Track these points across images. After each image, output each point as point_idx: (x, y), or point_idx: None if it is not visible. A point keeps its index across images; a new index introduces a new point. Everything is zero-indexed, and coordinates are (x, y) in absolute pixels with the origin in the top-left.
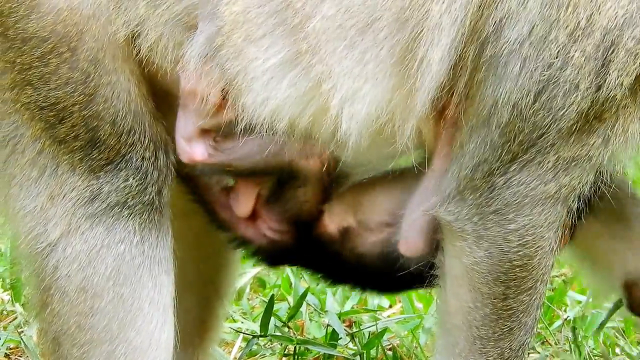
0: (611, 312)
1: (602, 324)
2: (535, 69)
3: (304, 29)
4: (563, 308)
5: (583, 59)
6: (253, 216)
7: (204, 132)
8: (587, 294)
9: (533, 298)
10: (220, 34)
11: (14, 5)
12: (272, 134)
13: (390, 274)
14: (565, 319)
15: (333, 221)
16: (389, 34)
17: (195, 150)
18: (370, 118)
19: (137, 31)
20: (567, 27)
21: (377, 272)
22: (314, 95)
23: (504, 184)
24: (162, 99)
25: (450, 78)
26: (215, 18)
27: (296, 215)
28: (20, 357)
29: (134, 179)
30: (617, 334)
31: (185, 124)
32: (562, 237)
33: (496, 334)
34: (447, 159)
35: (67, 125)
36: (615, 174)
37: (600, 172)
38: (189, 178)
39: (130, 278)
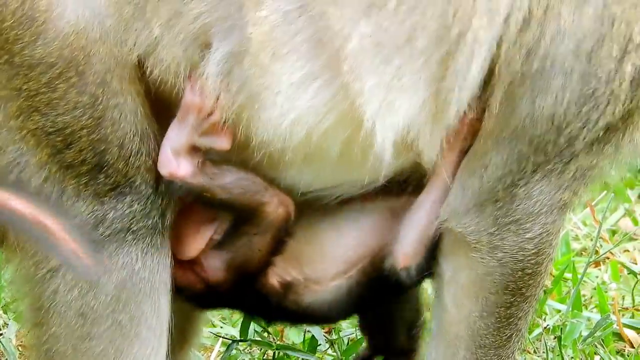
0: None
1: (588, 336)
2: (581, 82)
3: (341, 49)
4: (542, 317)
5: (634, 71)
6: (193, 260)
7: (194, 150)
8: (567, 303)
9: (532, 304)
10: (247, 54)
11: (19, 32)
12: (285, 152)
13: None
14: (545, 328)
15: (275, 274)
16: (426, 48)
17: (180, 165)
18: (404, 131)
19: (149, 51)
20: (619, 40)
21: (329, 313)
22: (343, 108)
23: (525, 194)
24: (168, 119)
25: (484, 91)
26: (234, 34)
27: (242, 263)
28: None
29: (138, 203)
30: (596, 343)
31: (179, 136)
32: None
33: (496, 342)
34: (455, 171)
35: (75, 149)
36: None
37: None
38: None
39: (130, 305)
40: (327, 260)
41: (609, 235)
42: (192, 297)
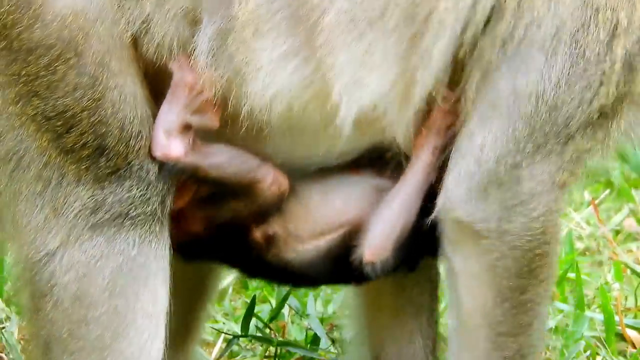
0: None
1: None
2: (567, 62)
3: (317, 22)
4: None
5: (625, 54)
6: (178, 212)
7: (186, 129)
8: (570, 303)
9: (547, 290)
10: (233, 31)
11: (17, 17)
12: (266, 126)
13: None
14: (547, 328)
15: (259, 228)
16: (396, 26)
17: (172, 145)
18: (369, 107)
19: (142, 29)
20: (606, 26)
21: (307, 273)
22: (318, 83)
23: (529, 175)
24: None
25: (453, 73)
26: (222, 11)
27: (226, 222)
28: (1, 352)
29: (137, 189)
30: (598, 343)
31: (170, 116)
32: None
33: (515, 330)
34: (437, 157)
35: (76, 133)
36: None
37: None
38: None
39: (127, 290)
40: (309, 220)
41: (613, 235)
42: (177, 248)
